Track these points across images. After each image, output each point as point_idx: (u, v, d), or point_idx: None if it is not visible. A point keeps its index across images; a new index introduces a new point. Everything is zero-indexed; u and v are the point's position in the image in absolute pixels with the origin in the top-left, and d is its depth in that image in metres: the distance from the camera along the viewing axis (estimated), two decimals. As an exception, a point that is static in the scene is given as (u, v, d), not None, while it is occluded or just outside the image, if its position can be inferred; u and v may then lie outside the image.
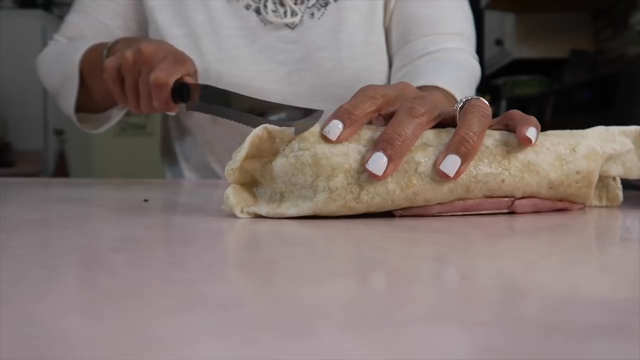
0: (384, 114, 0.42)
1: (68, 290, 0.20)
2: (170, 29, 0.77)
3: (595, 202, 0.46)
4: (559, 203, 0.42)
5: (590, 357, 0.14)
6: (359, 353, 0.14)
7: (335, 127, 0.38)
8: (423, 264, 0.25)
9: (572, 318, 0.17)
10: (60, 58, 0.80)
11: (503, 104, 2.95)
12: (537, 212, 0.42)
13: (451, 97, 0.69)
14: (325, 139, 0.38)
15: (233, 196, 0.39)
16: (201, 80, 0.75)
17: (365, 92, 0.40)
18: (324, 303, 0.18)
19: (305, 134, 0.38)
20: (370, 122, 0.41)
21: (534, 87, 2.85)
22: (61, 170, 3.25)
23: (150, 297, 0.19)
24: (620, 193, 0.46)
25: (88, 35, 0.81)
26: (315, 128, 0.39)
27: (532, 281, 0.21)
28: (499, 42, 3.05)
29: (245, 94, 0.54)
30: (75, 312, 0.17)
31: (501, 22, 3.01)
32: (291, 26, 0.77)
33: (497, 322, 0.16)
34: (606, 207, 0.46)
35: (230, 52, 0.77)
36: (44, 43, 0.89)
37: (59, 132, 3.27)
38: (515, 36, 2.88)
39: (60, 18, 3.69)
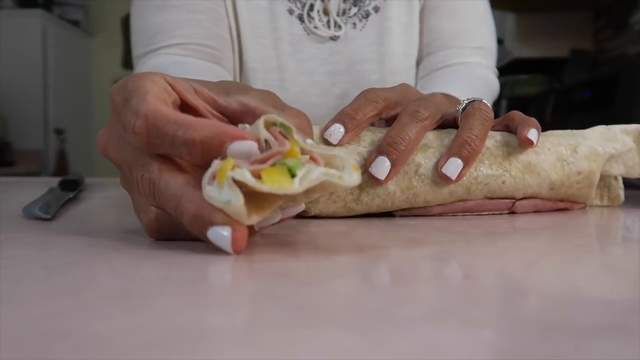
0: (385, 117, 0.41)
1: (68, 290, 0.20)
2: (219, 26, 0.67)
3: (597, 202, 0.46)
4: (560, 203, 0.42)
5: (590, 357, 0.14)
6: (360, 352, 0.14)
7: (337, 131, 0.38)
8: (424, 263, 0.25)
9: (572, 317, 0.17)
10: None
11: (503, 103, 2.95)
12: (537, 211, 0.42)
13: (454, 99, 0.67)
14: (326, 141, 0.38)
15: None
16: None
17: (367, 95, 0.40)
18: (324, 302, 0.18)
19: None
20: (371, 124, 0.41)
21: (534, 86, 2.84)
22: (61, 169, 3.24)
23: (150, 297, 0.19)
24: (621, 193, 0.46)
25: (225, 36, 0.68)
26: (315, 129, 0.39)
27: (532, 280, 0.21)
28: (499, 42, 3.04)
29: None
30: (75, 312, 0.17)
31: (501, 22, 3.00)
32: (334, 38, 0.72)
33: (498, 321, 0.16)
34: (607, 206, 0.46)
35: (277, 61, 0.69)
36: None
37: (59, 132, 3.27)
38: (516, 35, 2.88)
39: (61, 17, 3.67)
